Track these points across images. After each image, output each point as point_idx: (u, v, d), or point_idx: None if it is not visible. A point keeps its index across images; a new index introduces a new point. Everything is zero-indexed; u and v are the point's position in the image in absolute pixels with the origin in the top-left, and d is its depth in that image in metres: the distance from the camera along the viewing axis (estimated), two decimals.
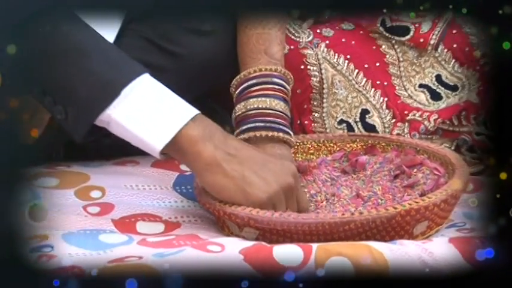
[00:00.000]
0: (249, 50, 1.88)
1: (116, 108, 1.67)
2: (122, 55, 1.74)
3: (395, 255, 1.58)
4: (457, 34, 2.11)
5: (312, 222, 1.64)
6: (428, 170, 1.82)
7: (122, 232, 1.74)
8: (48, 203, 1.85)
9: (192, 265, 1.55)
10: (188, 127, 1.67)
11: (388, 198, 1.80)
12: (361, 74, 2.07)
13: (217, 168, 1.68)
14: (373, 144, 1.94)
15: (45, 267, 1.56)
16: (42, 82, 1.72)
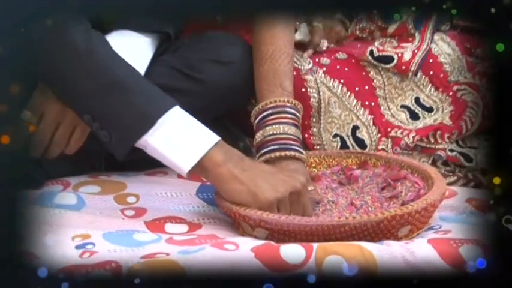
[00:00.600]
0: (266, 84, 1.88)
1: (152, 135, 1.69)
2: (156, 89, 1.76)
3: (382, 254, 1.57)
4: (433, 63, 2.10)
5: (313, 224, 1.64)
6: (410, 183, 1.81)
7: (152, 232, 1.72)
8: (92, 209, 1.85)
9: (211, 261, 1.54)
10: (211, 152, 1.69)
11: (377, 206, 1.79)
12: (353, 96, 2.06)
13: (234, 179, 1.69)
14: (365, 160, 1.93)
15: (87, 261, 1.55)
16: (91, 110, 1.72)
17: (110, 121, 1.72)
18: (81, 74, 1.72)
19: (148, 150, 1.71)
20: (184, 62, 1.99)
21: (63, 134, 1.84)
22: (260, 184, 1.69)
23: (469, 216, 1.82)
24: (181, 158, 1.70)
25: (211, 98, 1.98)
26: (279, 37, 1.94)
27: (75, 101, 1.76)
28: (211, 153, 1.69)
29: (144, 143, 1.70)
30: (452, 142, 2.02)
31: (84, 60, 1.72)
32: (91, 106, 1.73)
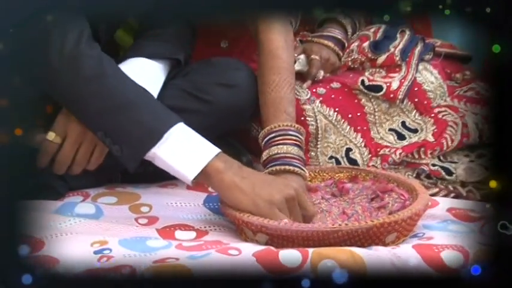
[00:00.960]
0: (273, 110, 1.88)
1: (159, 148, 1.69)
2: (162, 107, 1.77)
3: (371, 258, 1.56)
4: (418, 91, 2.10)
5: (309, 230, 1.63)
6: (396, 195, 1.80)
7: (163, 238, 1.71)
8: (109, 218, 1.85)
9: (216, 265, 1.53)
10: (213, 161, 1.69)
11: (367, 215, 1.79)
12: (346, 122, 2.06)
13: (235, 188, 1.69)
14: (356, 174, 1.91)
15: (104, 266, 1.53)
16: (104, 128, 1.73)
17: (121, 137, 1.72)
18: (94, 95, 1.72)
19: (156, 161, 1.71)
20: (193, 85, 1.99)
21: (84, 153, 1.84)
22: (259, 192, 1.69)
23: (449, 224, 1.81)
24: (186, 168, 1.70)
25: (217, 117, 1.97)
26: (283, 67, 1.93)
27: (89, 119, 1.76)
28: (213, 162, 1.69)
29: (153, 155, 1.70)
30: (435, 157, 2.01)
31: (96, 83, 1.72)
32: (103, 124, 1.73)
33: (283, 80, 1.91)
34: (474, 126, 2.03)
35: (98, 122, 1.74)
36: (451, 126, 2.02)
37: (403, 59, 2.13)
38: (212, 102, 1.97)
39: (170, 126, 1.70)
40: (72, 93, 1.74)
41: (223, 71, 2.01)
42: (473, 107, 2.09)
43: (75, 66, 1.71)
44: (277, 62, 1.93)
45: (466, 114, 2.05)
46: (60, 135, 1.81)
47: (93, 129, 1.76)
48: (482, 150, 2.04)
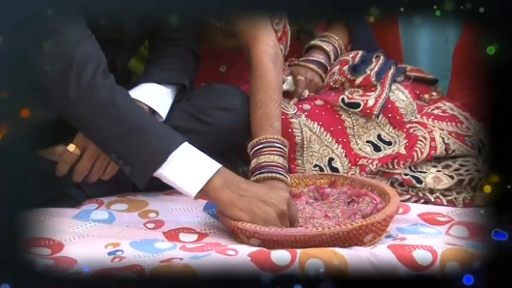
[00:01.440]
0: (260, 124, 1.88)
1: (165, 168, 1.68)
2: (167, 129, 1.76)
3: (352, 257, 1.56)
4: (391, 108, 2.09)
5: (296, 234, 1.62)
6: (369, 199, 1.79)
7: (169, 241, 1.70)
8: (121, 223, 1.84)
9: (216, 264, 1.53)
10: (212, 179, 1.68)
11: (346, 217, 1.77)
12: (329, 134, 2.04)
13: (232, 206, 1.69)
14: (335, 180, 1.90)
15: (117, 265, 1.52)
16: (116, 150, 1.72)
17: (131, 159, 1.71)
18: (106, 122, 1.71)
19: (163, 179, 1.70)
20: (196, 109, 1.99)
21: (100, 165, 1.83)
22: (256, 211, 1.68)
23: (419, 227, 1.80)
24: (189, 186, 1.69)
25: (217, 136, 1.97)
26: (270, 87, 1.92)
27: (103, 143, 1.75)
28: (213, 181, 1.68)
29: (159, 175, 1.69)
30: (406, 168, 1.99)
31: (108, 111, 1.71)
32: (116, 147, 1.72)
33: (269, 98, 1.90)
34: (441, 140, 2.02)
35: (111, 145, 1.73)
36: (421, 140, 2.01)
37: (378, 80, 2.12)
38: (213, 124, 1.97)
39: (175, 147, 1.68)
40: (87, 120, 1.72)
41: (223, 96, 2.02)
42: (440, 124, 2.07)
43: (90, 96, 1.69)
44: (264, 83, 1.93)
45: (434, 130, 2.04)
46: (80, 147, 1.80)
47: (106, 151, 1.75)
48: (448, 162, 2.03)
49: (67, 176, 1.83)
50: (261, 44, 1.98)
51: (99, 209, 1.89)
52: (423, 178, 1.96)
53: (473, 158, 2.02)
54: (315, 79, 2.16)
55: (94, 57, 1.72)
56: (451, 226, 1.79)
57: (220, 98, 2.01)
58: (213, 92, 2.04)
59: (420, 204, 1.94)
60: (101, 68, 1.72)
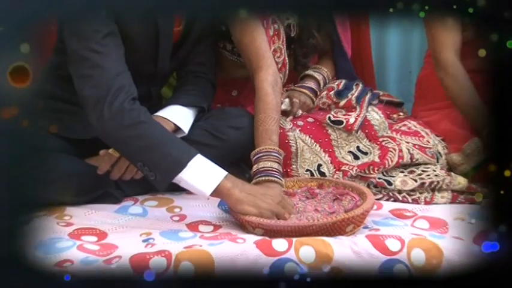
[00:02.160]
0: (261, 138, 1.87)
1: (183, 174, 1.67)
2: (183, 143, 1.75)
3: (336, 245, 1.56)
4: (368, 125, 2.06)
5: (292, 225, 1.63)
6: (350, 197, 1.79)
7: (191, 231, 1.69)
8: (152, 216, 1.83)
9: (228, 250, 1.53)
10: (222, 182, 1.68)
11: (332, 212, 1.76)
12: (318, 145, 2.02)
13: (242, 202, 1.68)
14: (322, 183, 1.89)
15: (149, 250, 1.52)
16: (142, 160, 1.71)
17: (155, 167, 1.69)
18: (133, 138, 1.70)
19: (181, 183, 1.69)
20: (212, 127, 1.98)
21: (133, 166, 1.80)
22: (260, 204, 1.68)
23: (390, 220, 1.79)
24: (203, 188, 1.68)
25: (229, 150, 1.96)
26: (269, 108, 1.92)
27: (130, 155, 1.74)
28: (223, 183, 1.67)
29: (179, 179, 1.67)
30: (379, 173, 1.97)
31: (135, 129, 1.70)
32: (141, 158, 1.70)
33: (268, 117, 1.90)
34: (407, 151, 2.00)
35: (137, 156, 1.71)
36: (391, 151, 1.99)
37: (357, 102, 2.11)
38: (225, 140, 1.96)
39: (191, 157, 1.67)
40: (116, 137, 1.72)
41: (233, 117, 2.00)
42: (406, 138, 2.06)
43: (119, 118, 1.68)
44: (264, 105, 1.92)
45: (401, 143, 2.02)
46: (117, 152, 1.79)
47: (133, 162, 1.75)
48: (413, 168, 2.01)
49: (109, 180, 1.83)
50: (263, 73, 1.97)
51: (135, 205, 1.88)
52: (393, 181, 1.95)
53: (432, 165, 2.01)
54: (307, 101, 2.14)
55: (126, 88, 1.71)
56: (415, 220, 1.78)
57: (231, 118, 1.99)
58: (225, 114, 2.02)
59: (390, 202, 1.92)
60: (130, 96, 1.71)
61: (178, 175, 1.66)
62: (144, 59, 1.88)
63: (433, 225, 1.73)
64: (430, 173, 1.96)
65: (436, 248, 1.57)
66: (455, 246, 1.59)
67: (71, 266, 1.46)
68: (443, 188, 1.93)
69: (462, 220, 1.75)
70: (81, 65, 1.71)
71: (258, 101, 1.94)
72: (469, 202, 1.92)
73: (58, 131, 1.89)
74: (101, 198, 1.86)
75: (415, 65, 2.50)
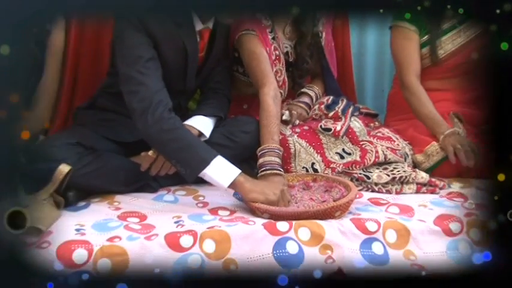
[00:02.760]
0: (265, 138, 1.86)
1: (207, 170, 1.68)
2: (207, 146, 1.76)
3: (327, 226, 1.58)
4: (351, 131, 2.05)
5: (292, 211, 1.65)
6: (338, 189, 1.79)
7: (212, 215, 1.69)
8: (182, 203, 1.82)
9: (242, 230, 1.54)
10: (237, 177, 1.69)
11: (324, 200, 1.77)
12: (311, 148, 2.01)
13: (253, 192, 1.69)
14: (316, 177, 1.89)
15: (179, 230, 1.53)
16: (175, 158, 1.72)
17: (185, 164, 1.70)
18: (169, 140, 1.71)
19: (205, 177, 1.70)
20: (228, 132, 1.97)
21: (167, 164, 1.80)
22: (268, 192, 1.69)
23: (369, 207, 1.79)
24: (222, 181, 1.69)
25: (241, 150, 1.95)
26: (270, 115, 1.92)
27: (166, 154, 1.75)
28: (237, 178, 1.69)
29: (203, 175, 1.69)
30: (360, 169, 1.97)
31: (171, 133, 1.72)
32: (175, 156, 1.72)
33: (270, 122, 1.89)
34: (382, 152, 1.99)
35: (172, 155, 1.72)
36: (369, 152, 1.99)
37: (343, 114, 2.10)
38: (238, 142, 1.96)
39: (213, 158, 1.69)
40: (157, 139, 1.73)
41: (244, 124, 2.00)
42: (381, 142, 2.05)
43: (159, 125, 1.70)
44: (266, 113, 1.92)
45: (377, 146, 2.01)
46: (155, 153, 1.80)
47: (168, 159, 1.75)
48: (386, 166, 2.00)
49: (148, 174, 1.83)
50: (266, 88, 1.97)
51: (168, 194, 1.88)
52: (371, 176, 1.94)
53: (401, 163, 2.00)
54: (303, 113, 2.14)
55: (164, 101, 1.73)
56: (388, 206, 1.78)
57: (243, 125, 1.99)
58: (238, 121, 2.02)
59: (369, 193, 1.92)
60: (168, 107, 1.74)
61: (203, 171, 1.68)
62: (176, 79, 1.88)
63: (402, 210, 1.74)
64: (400, 169, 1.96)
65: (405, 229, 1.61)
66: (419, 227, 1.62)
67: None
68: (410, 181, 1.92)
69: (424, 207, 1.77)
70: (129, 83, 1.74)
71: (262, 110, 1.95)
72: (430, 192, 1.91)
73: (109, 135, 1.90)
74: (142, 188, 1.87)
75: (386, 85, 2.52)
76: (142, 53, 1.75)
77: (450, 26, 2.16)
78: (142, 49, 1.75)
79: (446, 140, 1.98)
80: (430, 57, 2.17)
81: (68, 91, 2.09)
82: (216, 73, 2.05)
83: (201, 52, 1.93)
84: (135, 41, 1.75)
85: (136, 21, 1.74)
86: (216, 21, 1.92)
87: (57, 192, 1.67)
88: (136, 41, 1.75)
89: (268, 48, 2.08)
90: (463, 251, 1.59)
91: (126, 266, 1.43)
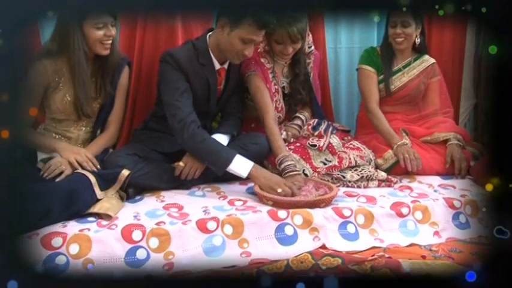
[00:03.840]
0: (279, 149, 1.82)
1: (231, 165, 1.68)
2: (228, 148, 1.74)
3: (315, 213, 1.55)
4: (330, 145, 1.96)
5: (288, 201, 1.59)
6: (323, 189, 1.72)
7: (229, 205, 1.63)
8: (208, 197, 1.73)
9: (252, 217, 1.51)
10: (253, 169, 1.68)
11: (314, 195, 1.69)
12: (302, 160, 1.92)
13: (265, 179, 1.66)
14: (306, 180, 1.78)
15: (207, 217, 1.48)
16: (207, 160, 1.72)
17: (214, 164, 1.71)
18: (202, 148, 1.70)
19: (230, 171, 1.69)
20: (242, 143, 1.87)
21: (194, 171, 1.76)
22: (277, 181, 1.65)
23: (344, 198, 1.72)
24: (241, 173, 1.68)
25: (251, 157, 1.80)
26: (276, 134, 1.87)
27: (201, 158, 1.74)
28: (253, 169, 1.67)
29: (228, 169, 1.68)
30: (338, 171, 1.89)
31: (203, 143, 1.70)
32: (207, 158, 1.71)
33: (276, 138, 1.84)
34: (353, 158, 1.94)
35: (204, 158, 1.72)
36: (344, 159, 1.93)
37: (324, 133, 2.01)
38: (249, 150, 1.85)
39: (234, 157, 1.68)
40: (193, 149, 1.72)
41: (254, 137, 1.91)
42: (353, 151, 1.97)
43: (193, 138, 1.70)
44: (272, 132, 1.86)
45: (350, 154, 1.95)
46: (184, 163, 1.75)
47: (202, 161, 1.74)
48: (356, 168, 1.92)
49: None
50: (268, 116, 1.91)
51: (198, 191, 1.80)
52: (345, 176, 1.88)
53: (367, 166, 1.93)
54: (296, 133, 2.06)
55: (195, 121, 1.73)
56: (358, 197, 1.74)
57: (253, 138, 1.90)
58: (249, 136, 1.94)
59: (344, 188, 1.86)
60: (198, 125, 1.73)
61: (227, 167, 1.67)
62: (202, 104, 1.84)
63: (368, 200, 1.70)
64: (366, 170, 1.90)
65: (370, 213, 1.59)
66: (380, 211, 1.61)
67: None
68: (373, 179, 1.88)
69: (383, 197, 1.73)
70: (170, 109, 1.74)
71: (268, 132, 1.88)
72: (387, 186, 1.86)
73: (156, 148, 1.86)
74: (179, 186, 1.80)
75: (355, 109, 2.48)
76: (179, 86, 1.75)
77: (397, 69, 2.18)
78: (178, 83, 1.75)
79: (398, 149, 1.98)
80: (385, 91, 2.19)
81: (129, 118, 2.07)
82: (232, 101, 1.97)
83: (219, 85, 1.89)
84: (173, 77, 1.75)
85: (174, 63, 1.75)
86: (230, 63, 1.90)
87: (121, 189, 1.67)
88: (174, 77, 1.75)
89: (269, 85, 2.03)
90: (410, 228, 1.59)
91: (169, 244, 1.43)
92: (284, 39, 1.91)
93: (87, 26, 1.59)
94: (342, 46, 2.41)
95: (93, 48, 1.63)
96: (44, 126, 1.76)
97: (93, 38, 1.61)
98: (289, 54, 1.97)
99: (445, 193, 1.75)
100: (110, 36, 1.63)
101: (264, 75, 2.01)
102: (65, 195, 1.45)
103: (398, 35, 2.07)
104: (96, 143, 1.77)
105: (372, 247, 1.49)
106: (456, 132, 2.06)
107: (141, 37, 2.04)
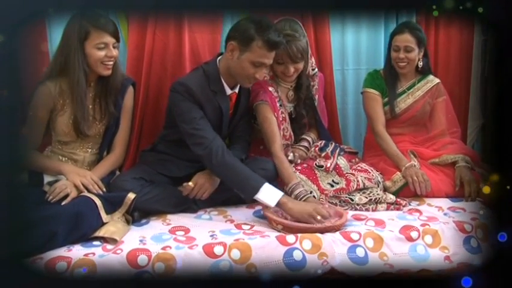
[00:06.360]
0: (290, 177, 1.81)
1: (259, 194, 1.64)
2: (256, 175, 1.69)
3: (324, 238, 1.53)
4: (337, 167, 1.97)
5: (299, 226, 1.58)
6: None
7: (237, 229, 1.63)
8: (215, 220, 1.73)
9: (259, 242, 1.49)
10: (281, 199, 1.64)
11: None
12: (310, 180, 1.90)
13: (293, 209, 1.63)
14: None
15: (214, 241, 1.48)
16: (235, 186, 1.71)
17: (243, 190, 1.69)
18: (230, 173, 1.68)
19: (257, 199, 1.66)
20: (251, 169, 1.80)
21: (202, 192, 1.75)
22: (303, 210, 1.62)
23: (353, 222, 1.70)
24: (269, 202, 1.64)
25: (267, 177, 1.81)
26: (285, 162, 1.85)
27: (230, 183, 1.71)
28: (281, 199, 1.64)
29: (255, 197, 1.65)
30: (346, 194, 1.87)
31: (232, 169, 1.69)
32: (235, 185, 1.70)
33: (285, 167, 1.83)
34: (361, 181, 1.92)
35: (232, 184, 1.71)
36: (352, 181, 1.91)
37: (332, 154, 2.01)
38: (267, 169, 1.84)
39: (262, 185, 1.65)
40: (222, 174, 1.71)
41: (262, 163, 1.88)
42: (360, 174, 1.97)
43: (222, 163, 1.68)
44: (280, 161, 1.85)
45: (358, 176, 1.94)
46: (193, 183, 1.75)
47: (230, 186, 1.72)
48: (365, 191, 1.90)
49: (190, 199, 1.77)
50: (276, 145, 1.89)
51: (205, 214, 1.79)
52: (354, 198, 1.87)
53: (375, 189, 1.91)
54: (303, 154, 2.06)
55: (221, 146, 1.71)
56: (366, 221, 1.72)
57: (260, 163, 1.87)
58: (257, 161, 1.90)
59: (353, 211, 1.84)
60: (224, 149, 1.71)
61: (255, 195, 1.65)
62: (215, 128, 1.80)
63: (377, 223, 1.69)
64: (374, 193, 1.89)
65: (379, 237, 1.58)
66: (389, 235, 1.59)
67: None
68: (382, 201, 1.86)
69: (392, 220, 1.72)
70: (192, 138, 1.72)
71: (277, 161, 1.85)
72: (396, 209, 1.84)
73: (163, 172, 1.85)
74: (186, 210, 1.79)
75: (363, 131, 2.47)
76: (195, 114, 1.73)
77: (401, 91, 2.18)
78: (194, 112, 1.74)
79: (407, 171, 1.96)
80: (390, 113, 2.19)
81: (136, 138, 2.06)
82: (241, 124, 1.98)
83: (230, 109, 1.89)
84: (187, 107, 1.74)
85: (185, 93, 1.75)
86: (240, 87, 1.90)
87: (127, 212, 1.66)
88: (188, 107, 1.75)
89: (276, 113, 2.01)
90: (420, 252, 1.57)
91: (175, 269, 1.42)
92: (284, 59, 1.89)
93: (88, 46, 1.59)
94: (349, 68, 2.42)
95: (94, 69, 1.63)
96: (51, 149, 1.76)
97: (95, 58, 1.60)
98: (292, 75, 1.98)
99: (455, 216, 1.73)
100: (111, 57, 1.62)
101: (272, 103, 2.00)
102: (70, 218, 1.44)
103: (401, 60, 2.07)
104: (102, 165, 1.75)
105: (382, 273, 1.47)
106: (465, 153, 2.04)
107: (148, 58, 2.07)
